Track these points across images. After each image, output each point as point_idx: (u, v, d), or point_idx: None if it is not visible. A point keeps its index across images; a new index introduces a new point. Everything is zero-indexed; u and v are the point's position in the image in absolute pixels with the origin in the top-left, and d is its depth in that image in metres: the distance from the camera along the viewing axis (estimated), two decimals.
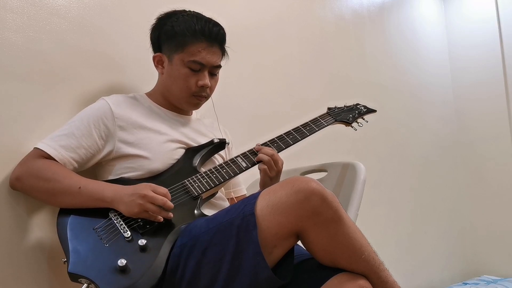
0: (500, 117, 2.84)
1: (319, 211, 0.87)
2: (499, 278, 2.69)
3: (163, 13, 1.24)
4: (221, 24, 1.22)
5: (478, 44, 2.96)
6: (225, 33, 1.23)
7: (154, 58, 1.24)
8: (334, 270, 0.90)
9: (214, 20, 1.22)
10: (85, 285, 0.92)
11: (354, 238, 0.89)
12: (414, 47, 2.81)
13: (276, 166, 1.18)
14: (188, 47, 1.17)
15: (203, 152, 1.21)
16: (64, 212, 1.03)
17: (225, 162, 1.18)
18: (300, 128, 1.28)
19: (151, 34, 1.25)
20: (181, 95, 1.22)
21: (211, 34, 1.18)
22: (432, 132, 2.83)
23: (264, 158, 1.17)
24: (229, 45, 1.26)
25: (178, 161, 1.17)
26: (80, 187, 1.02)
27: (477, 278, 2.73)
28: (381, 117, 2.40)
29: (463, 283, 2.65)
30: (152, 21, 1.25)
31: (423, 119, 2.77)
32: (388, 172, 2.45)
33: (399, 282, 0.95)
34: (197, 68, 1.18)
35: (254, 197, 0.92)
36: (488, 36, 2.91)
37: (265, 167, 1.16)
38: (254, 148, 1.21)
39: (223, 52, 1.24)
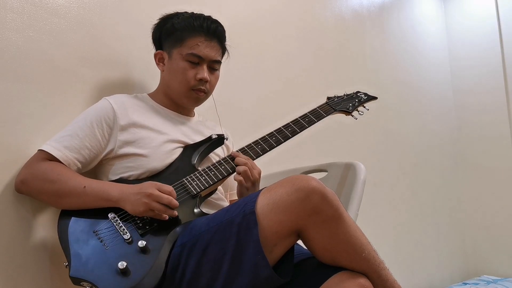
0: (500, 116, 2.84)
1: (319, 210, 0.87)
2: (499, 278, 2.68)
3: (165, 14, 1.27)
4: (220, 22, 1.25)
5: (478, 44, 2.96)
6: (223, 30, 1.25)
7: (155, 55, 1.27)
8: (335, 269, 0.90)
9: (213, 18, 1.24)
10: None
11: (354, 237, 0.89)
12: (414, 47, 2.81)
13: (252, 176, 1.13)
14: (186, 41, 1.20)
15: (201, 149, 1.20)
16: (65, 216, 1.04)
17: (223, 159, 1.17)
18: (299, 120, 1.24)
19: (152, 33, 1.28)
20: (181, 89, 1.23)
21: (209, 29, 1.21)
22: (432, 132, 2.83)
23: (240, 169, 1.12)
24: (229, 44, 1.28)
25: (176, 159, 1.17)
26: (85, 187, 1.03)
27: (477, 278, 2.73)
28: (381, 117, 2.41)
29: (463, 283, 2.64)
30: (153, 20, 1.27)
31: (423, 119, 2.77)
32: (388, 172, 2.45)
33: (399, 281, 0.95)
34: (196, 61, 1.20)
35: (254, 196, 0.92)
36: (488, 36, 2.91)
37: (241, 178, 1.12)
38: (231, 153, 1.17)
39: (223, 49, 1.26)
